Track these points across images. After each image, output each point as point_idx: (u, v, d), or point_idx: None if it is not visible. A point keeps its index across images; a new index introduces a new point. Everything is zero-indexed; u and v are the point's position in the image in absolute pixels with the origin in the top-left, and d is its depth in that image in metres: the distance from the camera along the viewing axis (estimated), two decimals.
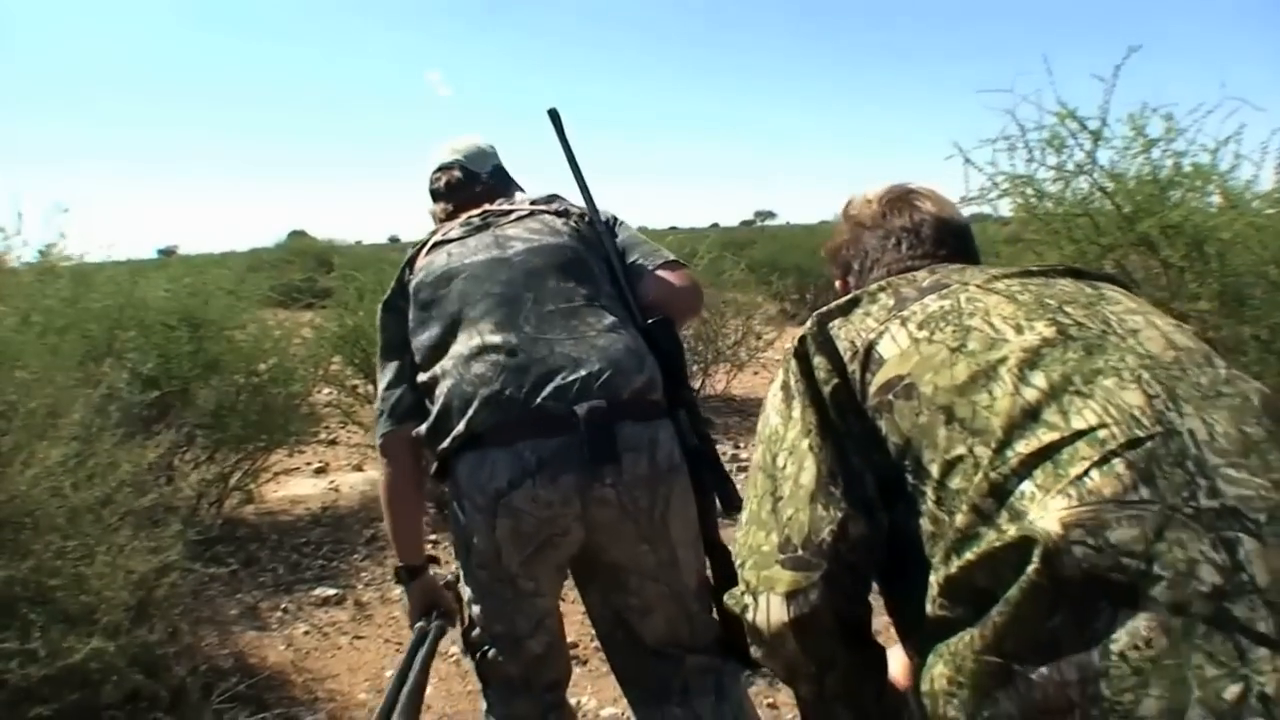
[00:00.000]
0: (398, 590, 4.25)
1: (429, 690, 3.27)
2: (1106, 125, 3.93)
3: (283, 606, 4.13)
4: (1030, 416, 1.03)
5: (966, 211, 4.44)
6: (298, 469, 6.53)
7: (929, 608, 1.06)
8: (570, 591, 2.23)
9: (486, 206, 2.23)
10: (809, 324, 1.26)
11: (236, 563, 4.32)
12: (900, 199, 1.47)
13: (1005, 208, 4.45)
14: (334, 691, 3.37)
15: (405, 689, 1.85)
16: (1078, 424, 1.00)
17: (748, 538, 1.19)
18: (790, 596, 1.10)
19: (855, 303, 1.26)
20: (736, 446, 7.00)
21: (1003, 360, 1.08)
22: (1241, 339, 3.60)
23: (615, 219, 2.23)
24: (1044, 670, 0.93)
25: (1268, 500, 0.95)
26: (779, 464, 1.19)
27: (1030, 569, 0.94)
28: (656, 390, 1.97)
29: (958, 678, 1.01)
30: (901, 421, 1.12)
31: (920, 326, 1.16)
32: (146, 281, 5.25)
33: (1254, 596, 0.89)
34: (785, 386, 1.24)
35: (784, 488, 1.16)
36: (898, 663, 1.31)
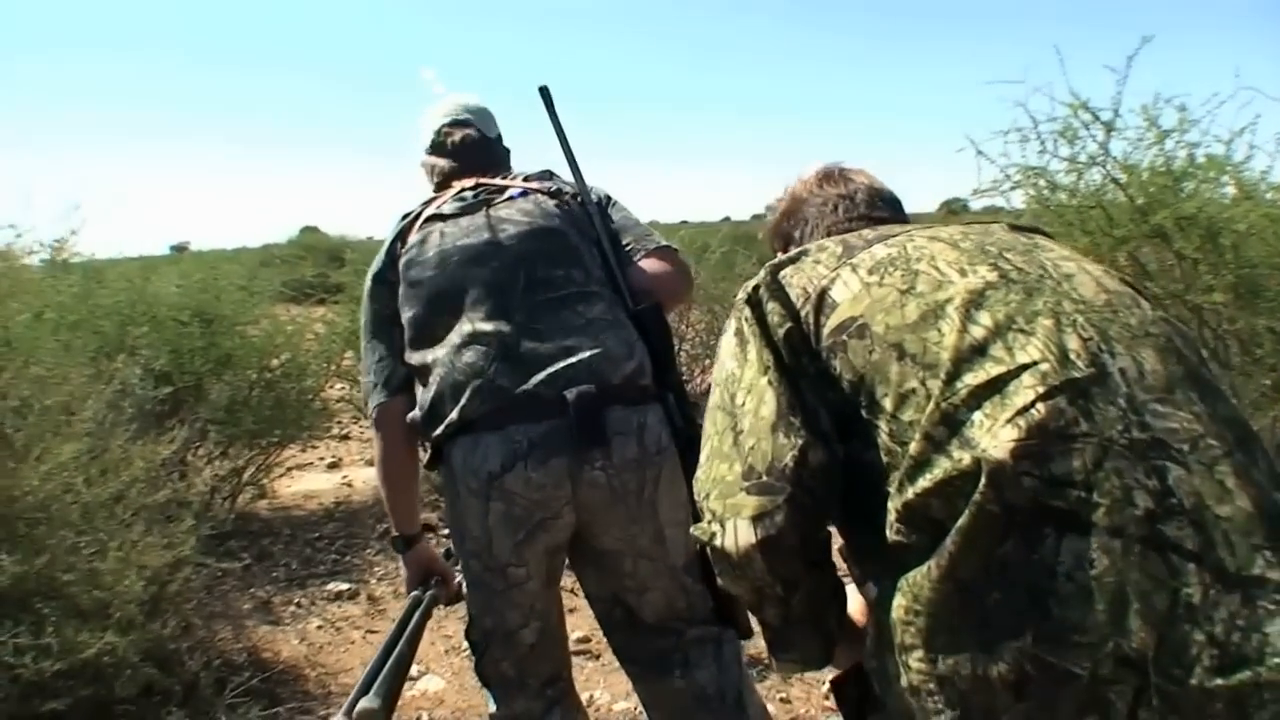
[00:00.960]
0: None
1: (443, 684, 3.30)
2: (1119, 116, 3.90)
3: (296, 601, 4.15)
4: (978, 352, 1.11)
5: (979, 204, 4.44)
6: (311, 464, 6.55)
7: (888, 534, 1.13)
8: (580, 587, 2.24)
9: (480, 180, 2.20)
10: (761, 273, 1.32)
11: (250, 558, 4.34)
12: (833, 173, 1.57)
13: (1018, 200, 4.44)
14: (347, 686, 3.36)
15: (391, 659, 1.85)
16: (1022, 358, 1.08)
17: (710, 471, 1.24)
18: (757, 519, 1.16)
19: (804, 254, 1.34)
20: None
21: (950, 300, 1.16)
22: (1256, 331, 3.58)
23: (608, 198, 2.24)
24: (996, 595, 1.01)
25: (1190, 431, 1.05)
26: (738, 401, 1.25)
27: (980, 496, 1.02)
28: (645, 376, 1.99)
29: (914, 606, 1.07)
30: (855, 359, 1.19)
31: (870, 272, 1.24)
32: (158, 277, 5.27)
33: (1181, 517, 0.99)
34: (739, 332, 1.30)
35: (744, 421, 1.22)
36: (856, 601, 1.38)
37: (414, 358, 2.01)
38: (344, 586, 4.27)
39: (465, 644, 3.56)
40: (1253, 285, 3.58)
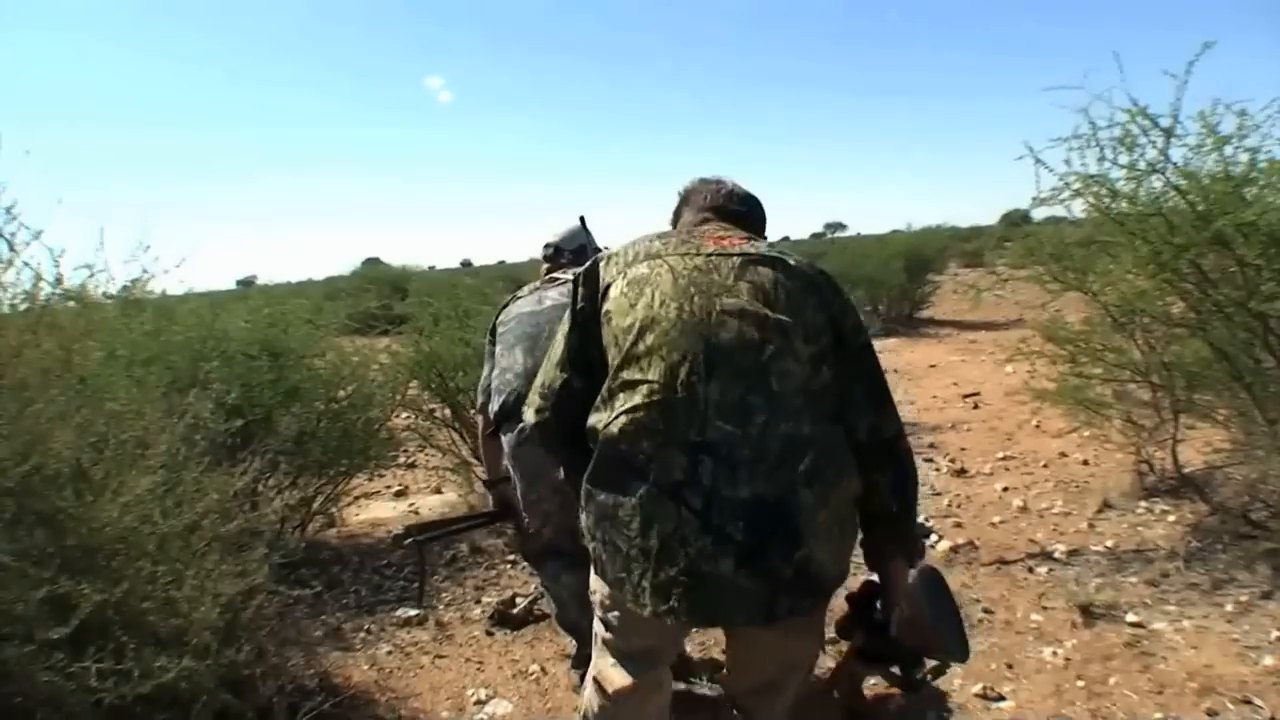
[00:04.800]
0: (477, 610, 4.32)
1: (510, 708, 3.35)
2: (1179, 122, 3.87)
3: (365, 627, 4.22)
4: (636, 359, 1.91)
5: (1040, 213, 4.46)
6: (378, 492, 6.65)
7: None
8: None
9: (555, 275, 3.44)
10: (589, 262, 2.17)
11: (320, 585, 4.40)
12: (710, 178, 2.37)
13: (1078, 209, 4.40)
14: (417, 710, 3.42)
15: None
16: (651, 375, 1.89)
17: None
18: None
19: (614, 254, 2.13)
20: None
21: (641, 319, 1.94)
22: None
23: None
24: (601, 495, 1.95)
25: (730, 442, 1.82)
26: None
27: (605, 449, 1.94)
28: None
29: (585, 495, 2.01)
30: (605, 334, 2.02)
31: (628, 284, 2.02)
32: (227, 313, 5.36)
33: (697, 488, 1.82)
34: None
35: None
36: None
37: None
38: (413, 613, 4.33)
39: (533, 668, 3.60)
40: None
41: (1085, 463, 6.30)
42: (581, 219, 3.28)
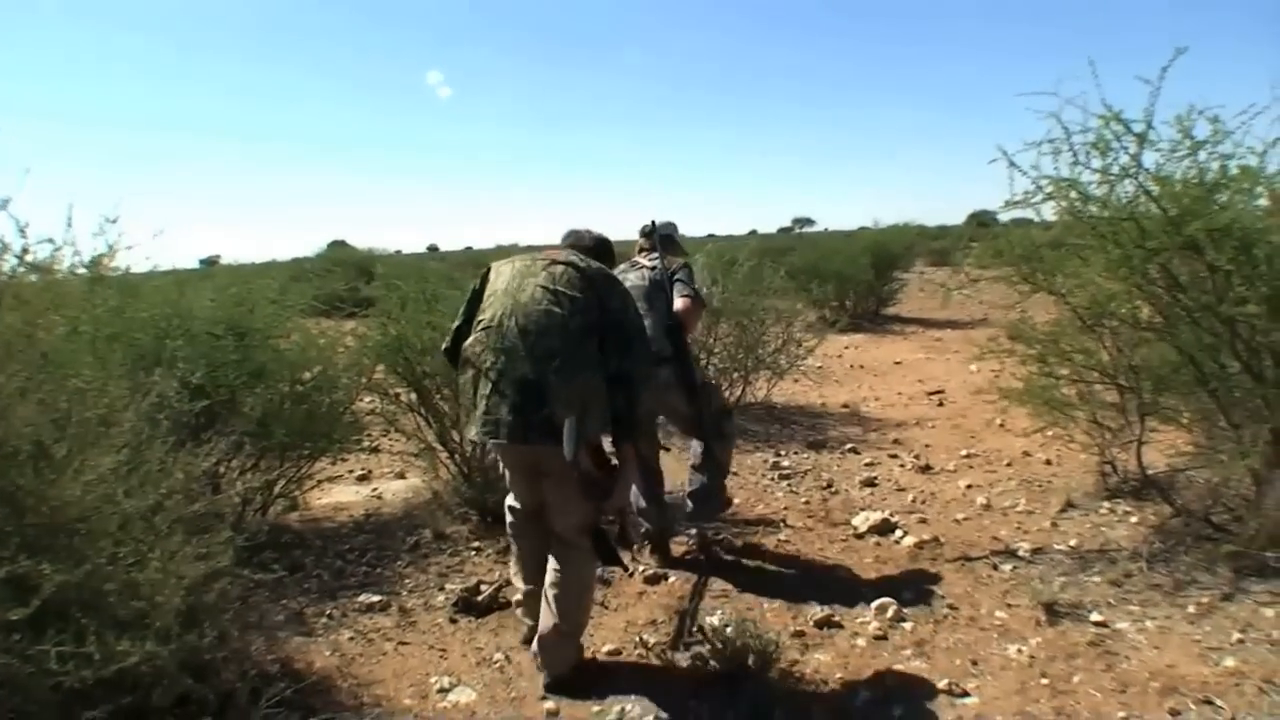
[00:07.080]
0: (440, 597, 4.28)
1: (474, 695, 3.32)
2: (1152, 128, 3.89)
3: (328, 613, 4.17)
4: (484, 309, 3.45)
5: (1009, 215, 4.49)
6: (341, 476, 6.59)
7: None
8: (618, 599, 2.25)
9: (636, 259, 4.83)
10: (486, 268, 3.64)
11: (282, 569, 4.34)
12: (573, 231, 3.85)
13: (1049, 212, 4.42)
14: (380, 697, 3.38)
15: None
16: (486, 317, 3.41)
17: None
18: (448, 342, 3.66)
19: (497, 263, 3.61)
20: (778, 455, 6.96)
21: (491, 289, 3.50)
22: None
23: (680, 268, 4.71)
24: (461, 379, 3.48)
25: (516, 348, 3.25)
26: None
27: (466, 354, 3.43)
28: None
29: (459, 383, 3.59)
30: (483, 300, 3.54)
31: (495, 274, 3.55)
32: (193, 291, 5.27)
33: (496, 371, 3.29)
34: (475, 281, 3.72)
35: (458, 313, 3.67)
36: None
37: None
38: (375, 598, 4.29)
39: (497, 656, 3.57)
40: None
41: (1048, 462, 6.36)
42: (672, 224, 4.94)
